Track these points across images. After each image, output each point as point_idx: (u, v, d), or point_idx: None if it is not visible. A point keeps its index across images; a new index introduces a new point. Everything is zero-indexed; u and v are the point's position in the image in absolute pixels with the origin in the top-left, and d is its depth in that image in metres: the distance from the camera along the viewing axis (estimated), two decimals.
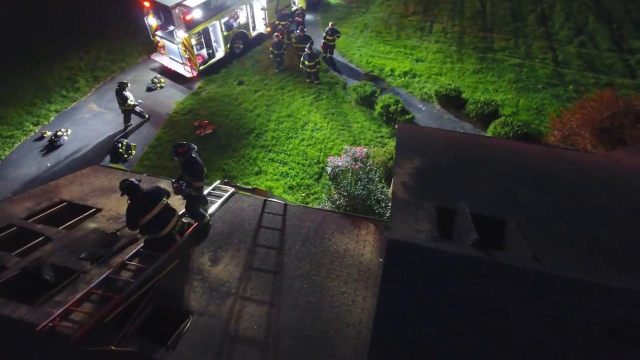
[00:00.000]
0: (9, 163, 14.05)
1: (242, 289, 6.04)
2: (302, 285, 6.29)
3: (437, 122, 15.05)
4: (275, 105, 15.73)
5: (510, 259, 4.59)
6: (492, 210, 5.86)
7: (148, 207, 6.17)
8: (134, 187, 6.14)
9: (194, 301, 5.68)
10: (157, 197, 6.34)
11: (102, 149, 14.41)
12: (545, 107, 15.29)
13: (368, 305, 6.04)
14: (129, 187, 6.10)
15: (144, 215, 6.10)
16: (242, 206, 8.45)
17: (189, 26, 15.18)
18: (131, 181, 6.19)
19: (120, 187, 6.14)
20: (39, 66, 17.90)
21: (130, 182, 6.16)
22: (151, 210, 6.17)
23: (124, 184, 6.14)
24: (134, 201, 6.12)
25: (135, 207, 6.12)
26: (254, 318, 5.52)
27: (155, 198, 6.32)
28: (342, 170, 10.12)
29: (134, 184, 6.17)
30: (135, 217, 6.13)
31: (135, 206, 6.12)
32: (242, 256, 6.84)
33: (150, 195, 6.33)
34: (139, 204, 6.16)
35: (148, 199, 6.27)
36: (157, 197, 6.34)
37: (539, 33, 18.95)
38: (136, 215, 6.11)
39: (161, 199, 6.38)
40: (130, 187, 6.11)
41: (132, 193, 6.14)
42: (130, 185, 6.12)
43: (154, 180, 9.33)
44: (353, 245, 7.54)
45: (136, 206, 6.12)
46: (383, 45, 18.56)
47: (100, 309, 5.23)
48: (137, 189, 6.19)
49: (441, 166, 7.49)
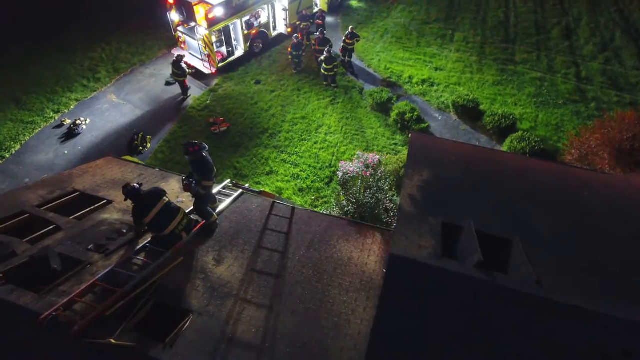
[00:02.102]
0: (28, 148, 14.40)
1: (244, 291, 6.06)
2: (303, 291, 6.28)
3: (453, 133, 14.90)
4: (290, 107, 15.77)
5: (512, 283, 4.51)
6: (498, 229, 5.76)
7: (149, 208, 6.38)
8: (135, 191, 6.40)
9: (194, 300, 5.73)
10: (156, 198, 6.52)
11: (118, 140, 14.67)
12: (564, 124, 15.00)
13: (368, 316, 6.00)
14: (131, 191, 6.39)
15: (145, 215, 6.34)
16: (250, 207, 8.49)
17: (211, 23, 15.33)
18: (132, 186, 6.43)
19: (124, 192, 6.41)
20: (60, 56, 18.28)
21: (131, 187, 6.41)
22: (152, 210, 6.37)
23: (125, 189, 6.40)
24: (137, 203, 6.41)
25: (138, 208, 6.41)
26: (252, 321, 5.54)
27: (155, 199, 6.50)
28: (351, 177, 10.09)
29: (134, 189, 6.41)
30: (138, 217, 6.45)
31: (137, 207, 6.41)
32: (246, 258, 6.87)
33: (150, 196, 6.51)
34: (141, 205, 6.39)
35: (148, 199, 6.46)
36: (156, 198, 6.52)
37: (563, 47, 18.60)
38: (139, 215, 6.41)
39: (161, 198, 6.54)
40: (132, 191, 6.40)
41: (133, 197, 6.39)
42: (132, 190, 6.39)
43: (166, 175, 9.45)
44: (358, 253, 7.50)
45: (138, 207, 6.41)
46: (402, 51, 18.45)
47: (102, 302, 5.31)
48: (138, 192, 6.42)
49: (450, 180, 7.40)
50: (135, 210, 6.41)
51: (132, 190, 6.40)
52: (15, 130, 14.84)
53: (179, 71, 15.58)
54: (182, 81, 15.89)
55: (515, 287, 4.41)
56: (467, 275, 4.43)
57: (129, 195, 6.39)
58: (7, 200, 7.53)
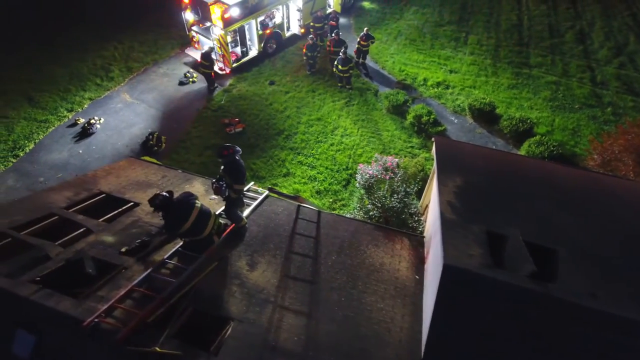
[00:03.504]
0: (42, 147, 14.29)
1: (281, 298, 5.98)
2: (339, 298, 6.21)
3: (469, 136, 14.83)
4: (305, 108, 15.69)
5: (567, 294, 4.43)
6: (538, 237, 5.68)
7: (185, 215, 6.01)
8: (166, 200, 5.92)
9: (233, 307, 5.65)
10: (191, 204, 6.14)
11: (132, 140, 14.56)
12: (581, 128, 14.94)
13: (407, 324, 5.93)
14: (163, 202, 5.89)
15: (183, 224, 5.97)
16: (276, 210, 8.42)
17: (226, 23, 15.24)
18: (162, 195, 5.92)
19: (153, 204, 5.86)
20: (72, 54, 18.15)
21: (162, 197, 5.89)
22: (189, 218, 6.02)
23: (156, 200, 5.85)
24: (170, 214, 5.98)
25: (173, 218, 6.00)
26: (293, 329, 5.46)
27: (190, 205, 6.12)
28: (376, 181, 10.01)
29: (165, 198, 5.92)
30: (175, 227, 6.05)
31: (172, 217, 5.99)
32: (279, 263, 6.79)
33: (184, 204, 6.10)
34: (175, 214, 6.00)
35: (183, 207, 6.07)
36: (191, 204, 6.14)
37: (577, 51, 18.54)
38: (177, 225, 6.00)
39: (194, 204, 6.19)
40: (164, 201, 5.90)
41: (165, 208, 5.92)
42: (164, 200, 5.89)
43: (189, 177, 9.36)
44: (388, 259, 7.43)
45: (173, 217, 5.99)
46: (417, 53, 18.37)
47: (142, 308, 5.23)
48: (169, 201, 5.97)
49: (483, 186, 7.33)
50: (170, 220, 6.00)
51: (163, 200, 5.88)
52: (29, 129, 14.73)
53: (207, 62, 15.55)
54: (210, 73, 15.86)
55: (571, 299, 4.33)
56: (521, 287, 4.35)
57: (161, 207, 5.88)
58: (33, 202, 7.44)
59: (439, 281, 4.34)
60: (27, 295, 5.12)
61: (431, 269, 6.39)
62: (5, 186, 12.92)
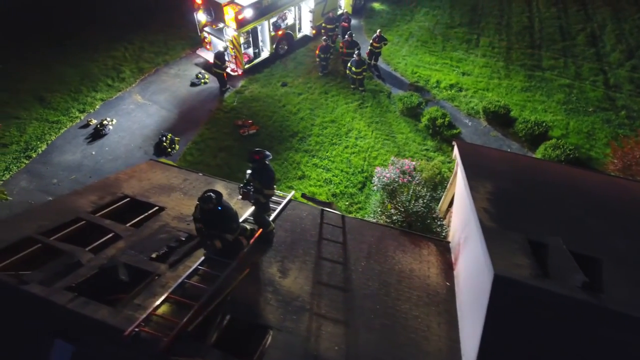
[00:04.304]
0: (54, 148, 14.20)
1: (316, 305, 5.91)
2: (374, 305, 6.14)
3: (483, 139, 14.76)
4: (318, 110, 15.61)
5: (621, 306, 4.36)
6: (578, 245, 5.61)
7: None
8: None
9: (270, 315, 5.57)
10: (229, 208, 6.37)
11: (145, 141, 14.48)
12: (596, 132, 14.88)
13: (443, 333, 5.87)
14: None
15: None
16: (301, 214, 8.35)
17: (240, 24, 15.15)
18: (213, 200, 5.99)
19: (203, 208, 5.99)
20: (83, 54, 18.04)
21: (215, 202, 6.00)
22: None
23: (207, 203, 5.93)
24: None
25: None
26: (332, 338, 5.39)
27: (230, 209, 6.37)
28: (399, 185, 9.94)
29: (215, 202, 6.04)
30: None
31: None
32: (310, 269, 6.72)
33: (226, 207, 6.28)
34: (220, 216, 6.16)
35: (224, 211, 6.28)
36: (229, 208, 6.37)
37: (589, 54, 18.48)
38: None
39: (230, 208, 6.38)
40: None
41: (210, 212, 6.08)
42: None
43: (210, 180, 9.29)
44: (417, 265, 7.37)
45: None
46: (429, 55, 18.30)
47: (178, 316, 5.15)
48: (217, 205, 6.11)
49: (513, 192, 7.26)
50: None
51: (212, 205, 5.96)
52: (41, 130, 14.64)
53: (219, 62, 15.49)
54: (222, 74, 15.79)
55: (625, 310, 4.26)
56: (576, 298, 4.29)
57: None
58: (59, 206, 7.36)
59: (490, 293, 4.26)
60: (64, 304, 5.03)
61: (466, 277, 6.32)
62: (19, 187, 12.83)
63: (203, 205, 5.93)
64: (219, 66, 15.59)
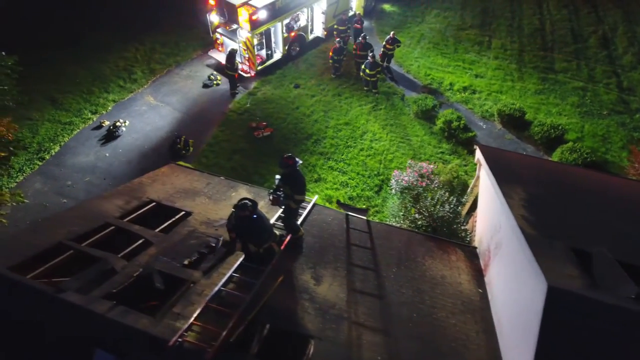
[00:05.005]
0: (68, 150, 14.09)
1: (354, 314, 5.84)
2: (410, 313, 6.07)
3: (498, 142, 14.71)
4: (332, 112, 15.53)
5: None
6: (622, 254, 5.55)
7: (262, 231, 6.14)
8: (251, 211, 6.01)
9: (309, 323, 5.50)
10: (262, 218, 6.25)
11: (159, 143, 14.39)
12: (611, 135, 14.85)
13: (482, 342, 5.80)
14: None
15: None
16: (326, 219, 8.28)
17: (254, 26, 15.07)
18: (247, 208, 5.93)
19: (237, 218, 5.99)
20: (94, 55, 17.89)
21: (249, 211, 5.92)
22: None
23: (243, 210, 5.88)
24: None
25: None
26: (374, 347, 5.31)
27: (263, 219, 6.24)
28: (423, 189, 9.87)
29: (249, 210, 5.95)
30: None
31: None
32: (342, 276, 6.65)
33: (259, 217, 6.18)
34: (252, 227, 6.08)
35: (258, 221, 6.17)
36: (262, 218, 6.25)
37: (601, 56, 18.44)
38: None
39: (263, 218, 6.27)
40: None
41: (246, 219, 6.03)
42: (249, 212, 5.98)
43: (233, 184, 9.21)
44: (448, 272, 7.30)
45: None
46: (441, 57, 18.24)
47: (217, 325, 5.06)
48: (251, 214, 6.03)
49: (546, 198, 7.21)
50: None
51: (249, 212, 5.90)
52: (54, 131, 14.52)
53: (229, 64, 15.48)
54: (233, 75, 15.71)
55: None
56: (631, 310, 4.22)
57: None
58: (86, 211, 7.27)
59: (543, 305, 4.18)
60: (104, 313, 4.95)
61: (504, 285, 6.25)
62: (33, 189, 12.72)
63: (239, 212, 5.85)
64: (228, 67, 15.52)
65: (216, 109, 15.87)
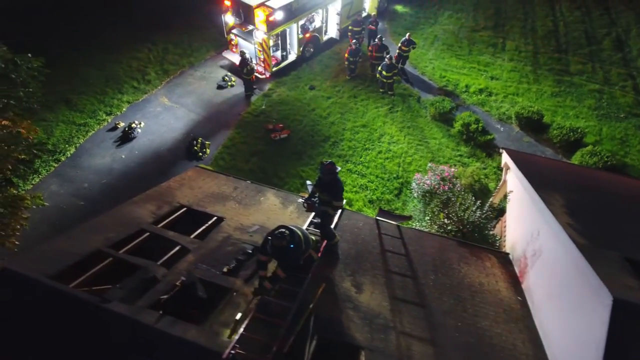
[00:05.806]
0: (84, 152, 13.97)
1: (399, 323, 5.75)
2: (455, 322, 5.98)
3: (516, 145, 14.62)
4: (349, 114, 15.43)
5: None
6: None
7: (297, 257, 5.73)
8: (285, 242, 5.37)
9: (357, 333, 5.40)
10: (301, 244, 5.69)
11: (175, 145, 14.28)
12: (629, 138, 14.78)
13: (530, 351, 5.72)
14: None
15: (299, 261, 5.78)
16: (357, 225, 8.19)
17: (271, 27, 14.97)
18: (283, 239, 5.29)
19: (282, 240, 5.29)
20: (106, 56, 17.76)
21: (285, 242, 5.31)
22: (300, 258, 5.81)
23: (278, 239, 5.25)
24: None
25: (286, 258, 5.59)
26: (423, 358, 5.23)
27: (303, 245, 5.74)
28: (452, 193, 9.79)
29: (285, 241, 5.32)
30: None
31: (285, 257, 5.58)
32: (382, 283, 6.56)
33: (296, 245, 5.55)
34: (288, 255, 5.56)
35: (295, 249, 5.55)
36: (301, 244, 5.69)
37: (616, 59, 18.38)
38: (293, 263, 5.73)
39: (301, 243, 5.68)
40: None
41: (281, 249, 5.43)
42: (285, 242, 5.34)
43: (261, 188, 9.11)
44: (484, 278, 7.22)
45: (287, 257, 5.57)
46: (455, 59, 18.15)
47: (268, 335, 4.97)
48: (287, 245, 5.40)
49: (586, 205, 7.12)
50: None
51: (286, 242, 5.29)
52: (69, 132, 14.39)
53: (243, 69, 15.39)
54: (249, 78, 15.61)
55: None
56: None
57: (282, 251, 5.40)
58: (120, 217, 7.17)
59: (609, 318, 4.10)
60: (152, 324, 4.85)
61: (549, 294, 6.16)
62: (49, 191, 12.59)
63: (275, 242, 5.29)
64: (245, 73, 15.38)
65: (231, 110, 15.76)
